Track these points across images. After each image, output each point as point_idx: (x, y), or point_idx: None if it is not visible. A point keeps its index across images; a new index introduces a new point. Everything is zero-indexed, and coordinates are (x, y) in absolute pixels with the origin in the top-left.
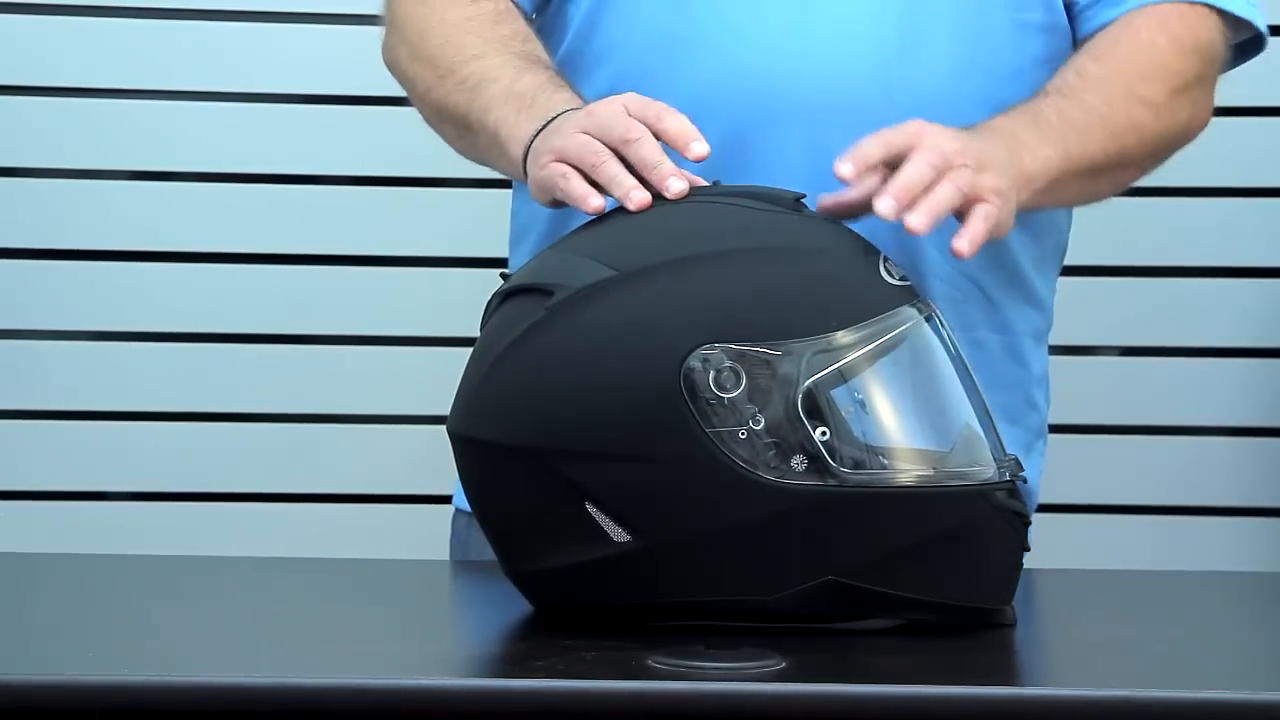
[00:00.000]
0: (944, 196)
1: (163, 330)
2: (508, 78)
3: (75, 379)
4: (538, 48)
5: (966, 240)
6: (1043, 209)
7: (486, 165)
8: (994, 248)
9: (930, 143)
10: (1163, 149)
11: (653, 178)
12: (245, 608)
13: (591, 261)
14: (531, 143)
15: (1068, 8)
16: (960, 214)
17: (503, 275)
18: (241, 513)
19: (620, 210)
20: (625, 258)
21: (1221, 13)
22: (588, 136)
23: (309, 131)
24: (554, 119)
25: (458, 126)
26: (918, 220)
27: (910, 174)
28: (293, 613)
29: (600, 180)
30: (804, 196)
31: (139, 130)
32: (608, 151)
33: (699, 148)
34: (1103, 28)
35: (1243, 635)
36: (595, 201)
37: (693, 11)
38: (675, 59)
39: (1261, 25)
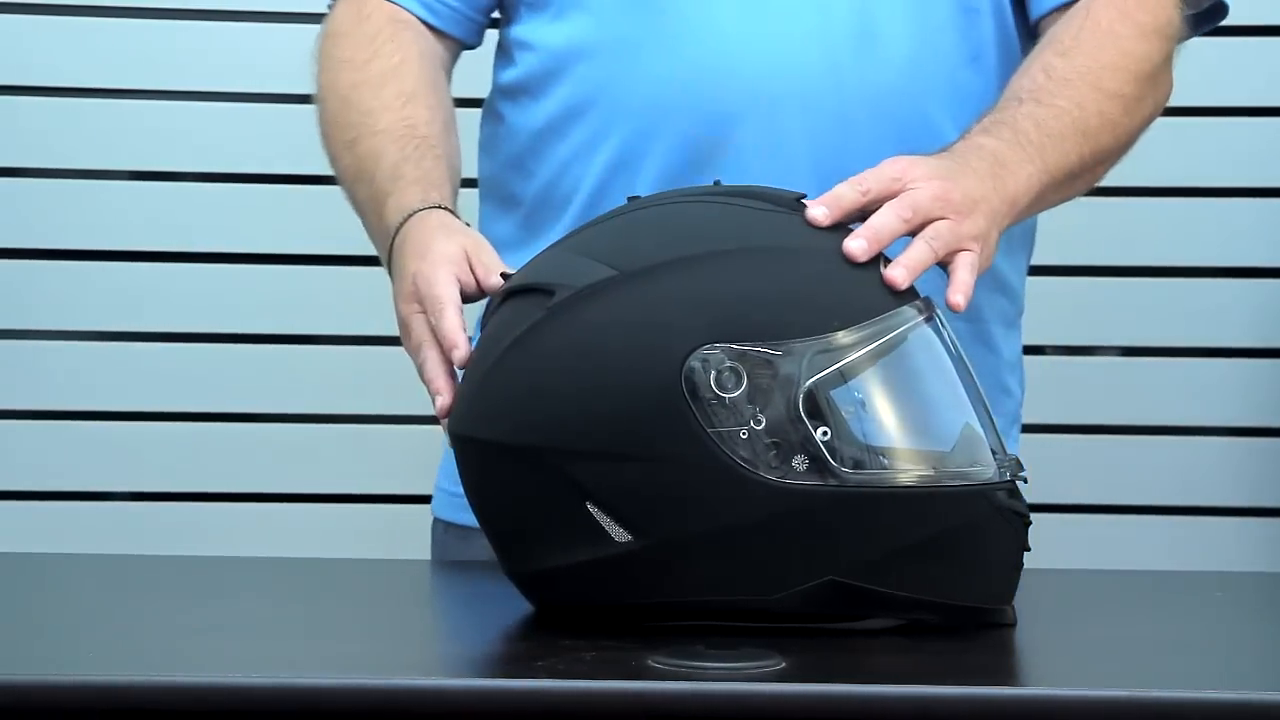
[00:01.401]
0: (920, 258)
1: (163, 330)
2: (369, 174)
3: (75, 379)
4: (415, 110)
5: (961, 294)
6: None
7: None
8: None
9: (907, 193)
10: (1135, 138)
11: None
12: (245, 608)
13: (592, 261)
14: (388, 264)
15: None
16: (943, 263)
17: (503, 275)
18: (241, 513)
19: (621, 210)
20: (626, 257)
21: None
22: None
23: (309, 131)
24: (397, 232)
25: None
26: (898, 274)
27: (879, 222)
28: (292, 613)
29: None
30: (804, 196)
31: (139, 130)
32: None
33: (459, 355)
34: (1056, 10)
35: (1243, 635)
36: (441, 401)
37: (646, 15)
38: (631, 63)
39: None
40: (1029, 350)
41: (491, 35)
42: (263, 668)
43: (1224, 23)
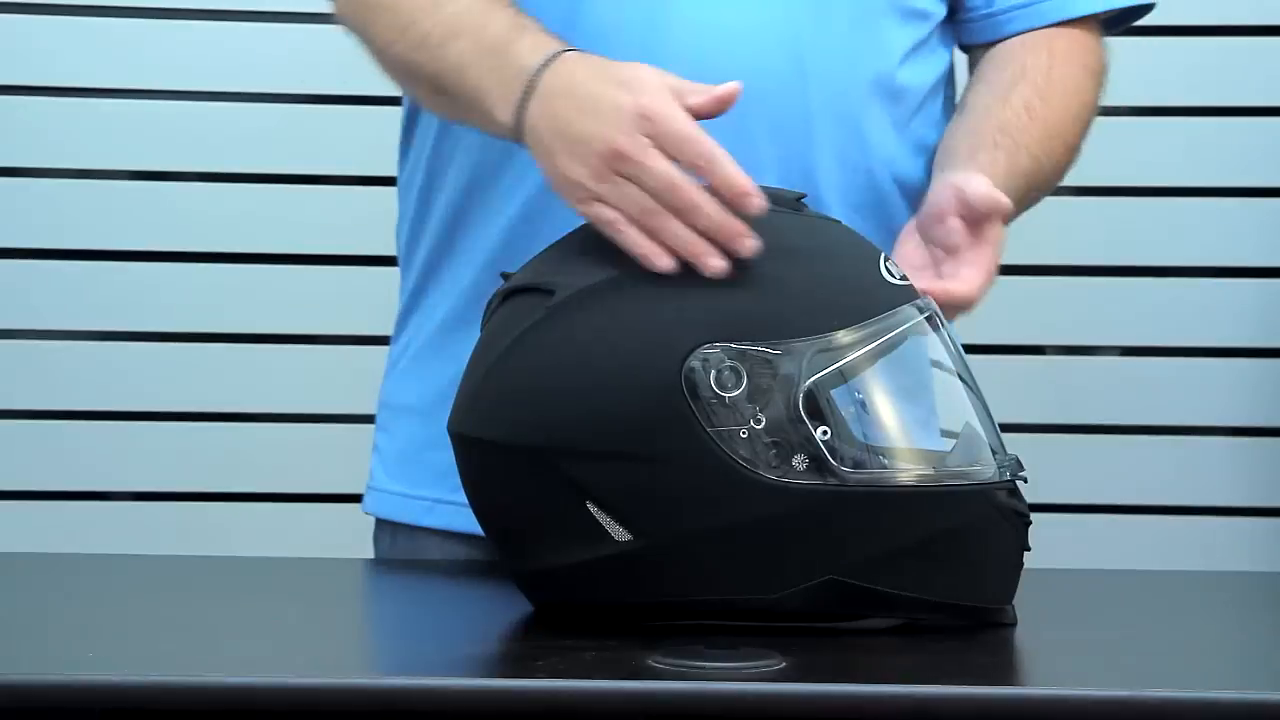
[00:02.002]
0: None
1: (163, 330)
2: (473, 27)
3: (75, 379)
4: None
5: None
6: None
7: (469, 126)
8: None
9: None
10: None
11: (721, 240)
12: (245, 607)
13: (592, 261)
14: (522, 109)
15: (954, 8)
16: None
17: (504, 275)
18: (241, 513)
19: None
20: (626, 257)
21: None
22: (634, 189)
23: (309, 131)
24: (538, 75)
25: (430, 88)
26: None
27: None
28: (291, 612)
29: (663, 241)
30: (804, 196)
31: (139, 130)
32: (660, 210)
33: (757, 204)
34: (1012, 37)
35: (1243, 635)
36: (664, 262)
37: (606, 13)
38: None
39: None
40: (1029, 350)
41: None
42: (262, 668)
43: (1224, 23)
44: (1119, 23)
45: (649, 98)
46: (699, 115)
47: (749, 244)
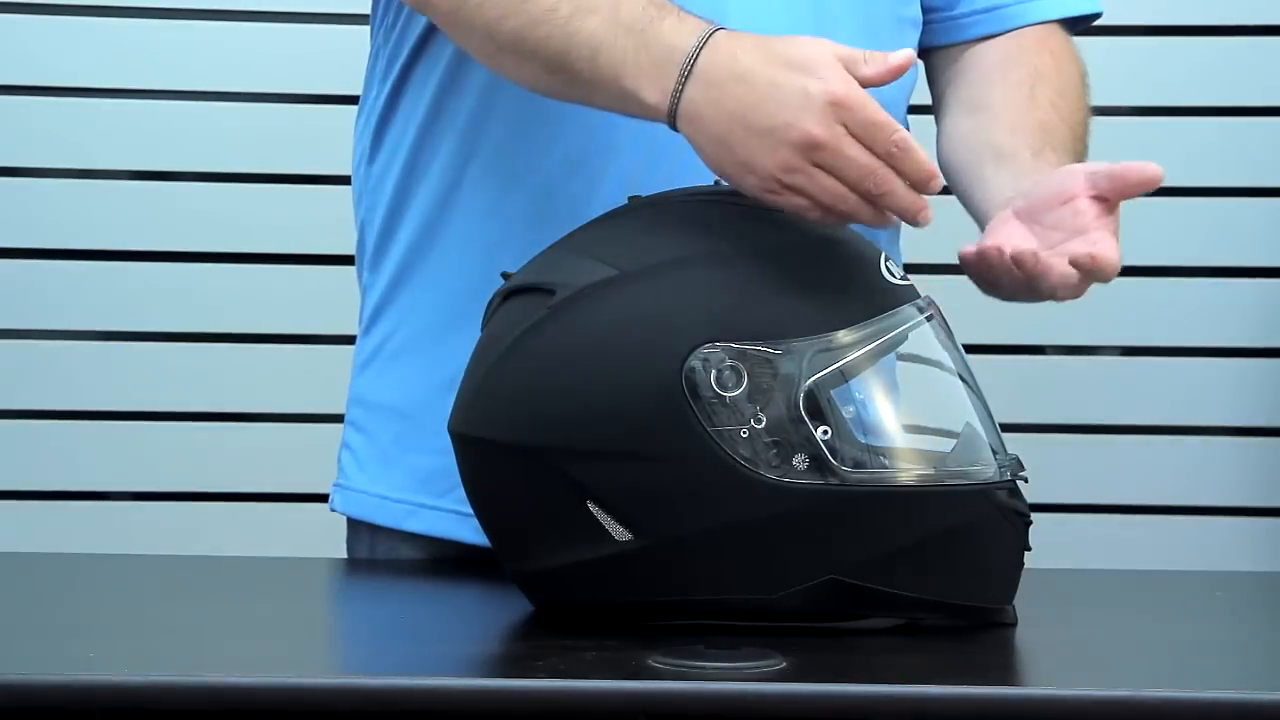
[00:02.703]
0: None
1: (163, 330)
2: (608, 2)
3: (75, 379)
4: None
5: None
6: None
7: (590, 105)
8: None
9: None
10: None
11: (906, 216)
12: (245, 607)
13: (593, 261)
14: (678, 94)
15: (927, 9)
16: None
17: (504, 275)
18: (241, 513)
19: (621, 210)
20: (627, 257)
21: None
22: (829, 179)
23: (309, 131)
24: (694, 57)
25: (546, 66)
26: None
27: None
28: (291, 612)
29: (852, 219)
30: None
31: (139, 130)
32: (853, 196)
33: (939, 185)
34: (974, 36)
35: (1243, 635)
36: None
37: None
38: None
39: (1098, 5)
40: (1029, 350)
41: None
42: (263, 667)
43: (1225, 23)
44: (1073, 28)
45: (836, 83)
46: (872, 85)
47: (928, 215)
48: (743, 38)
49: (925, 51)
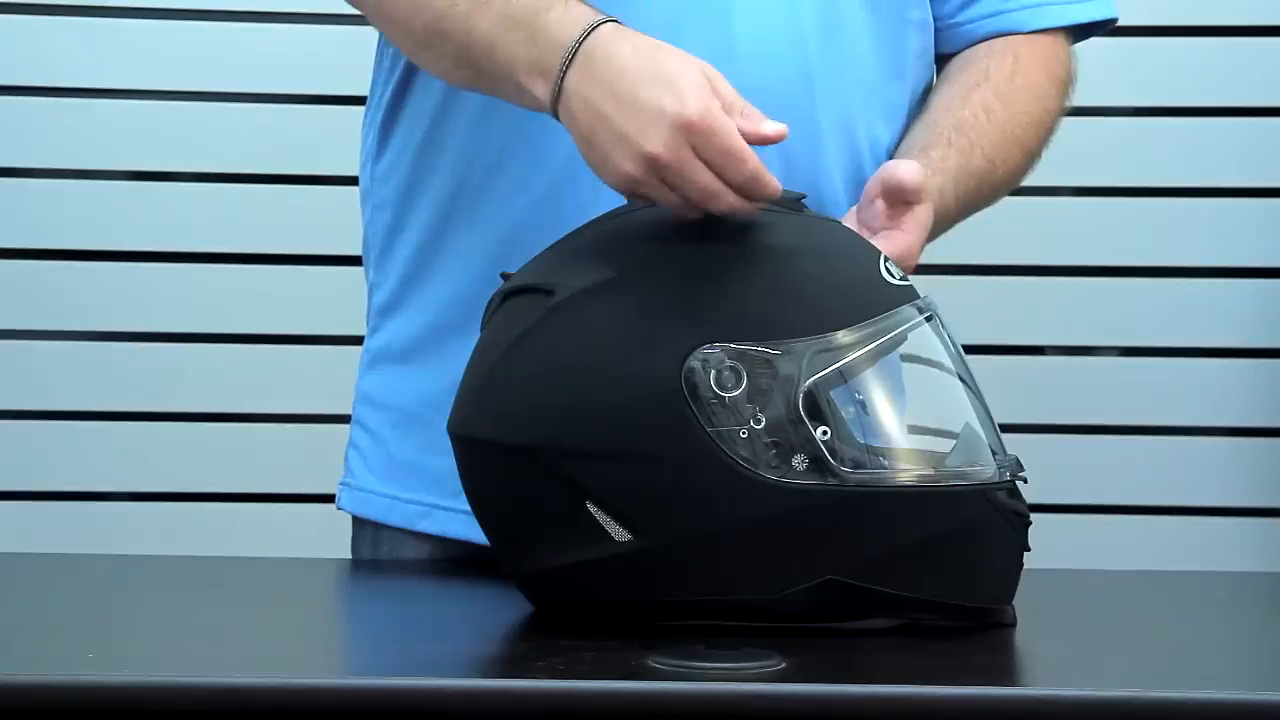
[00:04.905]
0: None
1: (163, 330)
2: (494, 5)
3: (75, 379)
4: None
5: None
6: None
7: (499, 98)
8: None
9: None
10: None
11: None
12: (244, 607)
13: (592, 262)
14: (559, 85)
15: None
16: None
17: (504, 275)
18: (241, 513)
19: (621, 211)
20: (625, 258)
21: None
22: (672, 193)
23: (309, 131)
24: (574, 50)
25: (456, 61)
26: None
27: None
28: (291, 612)
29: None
30: (804, 196)
31: (139, 130)
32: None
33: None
34: (980, 41)
35: (1243, 635)
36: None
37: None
38: None
39: (1112, 11)
40: (1029, 350)
41: None
42: (262, 668)
43: (1225, 23)
44: (1085, 34)
45: (693, 109)
46: (747, 136)
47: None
48: (630, 36)
49: (936, 58)
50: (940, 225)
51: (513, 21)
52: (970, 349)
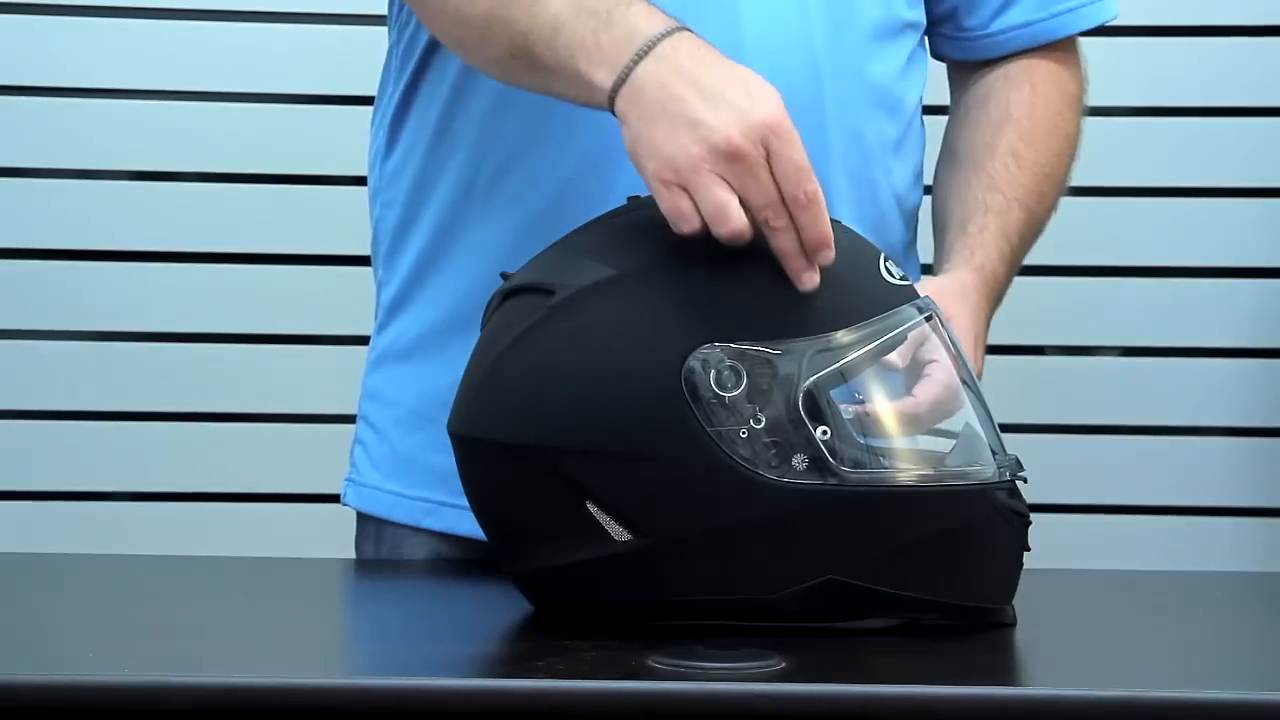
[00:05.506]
0: None
1: (163, 330)
2: None
3: (75, 379)
4: None
5: None
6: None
7: (546, 94)
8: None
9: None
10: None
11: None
12: (245, 608)
13: (592, 261)
14: (629, 70)
15: (942, 20)
16: None
17: (504, 275)
18: (241, 513)
19: (621, 210)
20: (626, 258)
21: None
22: (724, 193)
23: (309, 131)
24: (657, 42)
25: (510, 49)
26: None
27: None
28: (291, 612)
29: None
30: None
31: (139, 130)
32: (741, 231)
33: (829, 258)
34: (1014, 53)
35: (1243, 635)
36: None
37: None
38: None
39: (1114, 11)
40: (1029, 350)
41: None
42: (262, 668)
43: (1225, 23)
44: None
45: (776, 115)
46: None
47: (812, 280)
48: (708, 46)
49: (948, 61)
50: (995, 291)
51: (589, 10)
52: None
